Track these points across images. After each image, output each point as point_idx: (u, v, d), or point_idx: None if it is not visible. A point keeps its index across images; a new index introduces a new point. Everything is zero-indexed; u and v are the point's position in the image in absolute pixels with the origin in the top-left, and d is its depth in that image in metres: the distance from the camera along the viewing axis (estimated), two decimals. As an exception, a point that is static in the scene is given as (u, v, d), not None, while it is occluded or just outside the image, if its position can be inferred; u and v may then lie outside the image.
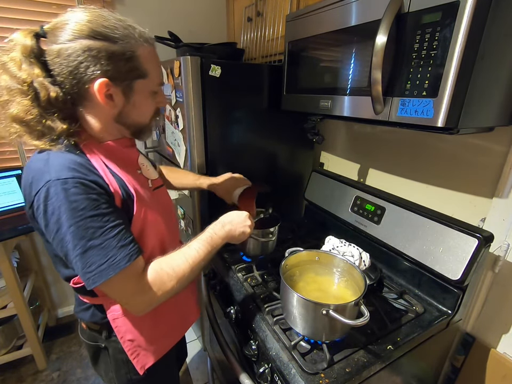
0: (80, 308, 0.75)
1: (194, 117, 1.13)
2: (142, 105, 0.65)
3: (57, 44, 0.54)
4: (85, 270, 0.55)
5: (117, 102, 0.60)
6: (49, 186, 0.53)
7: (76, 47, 0.53)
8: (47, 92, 0.54)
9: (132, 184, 0.65)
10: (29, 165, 0.59)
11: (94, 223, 0.54)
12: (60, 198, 0.53)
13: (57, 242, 0.56)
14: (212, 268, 1.18)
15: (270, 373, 0.75)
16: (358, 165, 1.33)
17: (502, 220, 0.87)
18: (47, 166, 0.55)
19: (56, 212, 0.53)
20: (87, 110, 0.61)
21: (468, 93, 0.60)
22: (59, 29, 0.54)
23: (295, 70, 1.05)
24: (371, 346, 0.75)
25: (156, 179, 0.79)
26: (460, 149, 0.95)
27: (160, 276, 0.61)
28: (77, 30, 0.53)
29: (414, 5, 0.63)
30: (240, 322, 0.93)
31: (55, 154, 0.57)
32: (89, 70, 0.54)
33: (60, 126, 0.57)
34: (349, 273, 0.83)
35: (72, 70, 0.54)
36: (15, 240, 1.51)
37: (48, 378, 1.58)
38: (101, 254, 0.55)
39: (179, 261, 0.64)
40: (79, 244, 0.54)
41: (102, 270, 0.55)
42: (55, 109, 0.56)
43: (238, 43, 1.61)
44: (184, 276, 0.63)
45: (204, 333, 1.56)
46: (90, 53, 0.53)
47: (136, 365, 0.74)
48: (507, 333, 0.94)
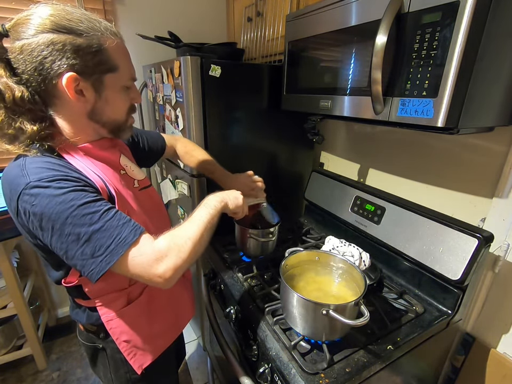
0: (76, 310, 0.74)
1: (194, 117, 1.13)
2: (115, 100, 0.63)
3: (20, 40, 0.52)
4: (95, 255, 0.53)
5: (88, 97, 0.58)
6: (30, 188, 0.51)
7: (39, 42, 0.51)
8: (12, 92, 0.52)
9: (113, 185, 0.63)
10: (4, 173, 0.57)
11: (88, 209, 0.53)
12: (45, 196, 0.51)
13: (55, 240, 0.53)
14: (211, 268, 1.18)
15: (270, 373, 0.76)
16: (358, 165, 1.33)
17: (502, 220, 0.87)
18: (24, 171, 0.53)
19: (46, 210, 0.51)
20: (58, 110, 0.59)
21: (467, 93, 0.60)
22: (21, 24, 0.52)
23: (295, 70, 1.05)
24: (371, 346, 0.75)
25: (143, 179, 0.77)
26: (460, 149, 0.95)
27: (173, 239, 0.58)
28: (40, 24, 0.51)
29: (414, 5, 0.63)
30: (240, 322, 0.93)
31: (31, 159, 0.55)
32: (54, 64, 0.52)
33: (30, 128, 0.55)
34: (349, 273, 0.83)
35: (37, 66, 0.52)
36: (15, 240, 1.51)
37: (48, 378, 1.58)
38: (106, 236, 0.53)
39: (186, 226, 0.62)
40: (81, 232, 0.52)
41: (111, 250, 0.53)
42: (23, 110, 0.55)
43: (238, 43, 1.61)
44: (196, 237, 0.60)
45: (204, 333, 1.55)
46: (55, 46, 0.51)
47: (134, 365, 0.74)
48: (507, 333, 0.94)
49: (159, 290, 0.76)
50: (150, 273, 0.55)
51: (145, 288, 0.75)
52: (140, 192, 0.74)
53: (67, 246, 0.53)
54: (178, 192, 1.43)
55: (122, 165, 0.72)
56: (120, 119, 0.66)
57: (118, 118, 0.65)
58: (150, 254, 0.55)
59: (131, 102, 0.67)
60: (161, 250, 0.56)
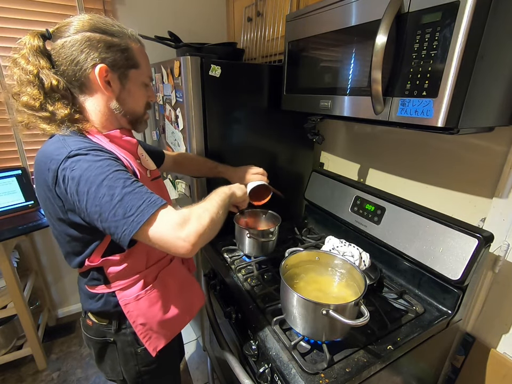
0: (89, 301, 0.77)
1: (194, 117, 1.13)
2: (136, 93, 0.72)
3: (62, 38, 0.62)
4: (127, 215, 0.57)
5: (114, 87, 0.67)
6: (73, 155, 0.58)
7: (78, 39, 0.62)
8: (50, 80, 0.62)
9: (136, 167, 0.70)
10: (43, 148, 0.64)
11: (122, 174, 0.59)
12: (85, 161, 0.58)
13: (91, 204, 0.57)
14: (211, 268, 1.18)
15: (270, 373, 0.76)
16: (358, 165, 1.33)
17: (502, 220, 0.87)
18: (64, 143, 0.61)
19: (85, 173, 0.57)
20: (87, 97, 0.68)
21: (468, 93, 0.60)
22: (64, 26, 0.63)
23: (295, 70, 1.05)
24: (371, 346, 0.75)
25: (154, 170, 0.84)
26: (460, 149, 0.95)
27: (193, 209, 0.65)
28: (79, 25, 0.63)
29: (414, 5, 0.63)
30: (240, 322, 0.93)
31: (69, 137, 0.63)
32: (90, 57, 0.63)
33: (62, 111, 0.64)
34: (349, 273, 0.83)
35: (74, 58, 0.62)
36: (15, 240, 1.51)
37: (48, 378, 1.58)
38: (137, 198, 0.58)
39: (201, 203, 0.70)
40: (115, 192, 0.57)
41: (142, 210, 0.57)
42: (58, 96, 0.64)
43: (238, 43, 1.61)
44: (213, 209, 0.67)
45: (204, 333, 1.55)
46: (91, 42, 0.62)
47: (149, 347, 0.78)
48: (507, 333, 0.94)
49: (172, 276, 0.83)
50: (175, 236, 0.59)
51: (160, 273, 0.80)
52: (152, 182, 0.80)
53: (101, 208, 0.57)
54: (178, 192, 1.43)
55: (139, 154, 0.78)
56: (139, 110, 0.75)
57: (137, 110, 0.75)
58: (175, 217, 0.60)
59: (147, 100, 0.76)
60: (185, 215, 0.61)
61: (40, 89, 0.62)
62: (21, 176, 1.59)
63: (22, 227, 1.42)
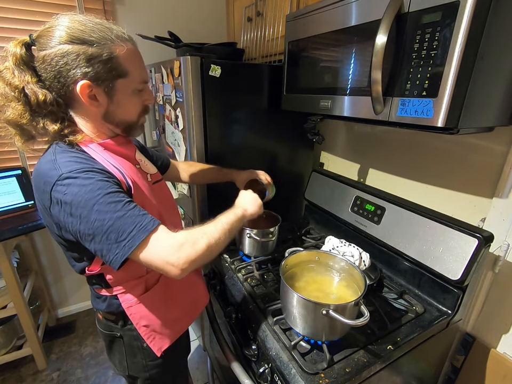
0: (97, 300, 0.79)
1: (194, 117, 1.13)
2: (126, 103, 0.68)
3: (42, 50, 0.58)
4: (119, 240, 0.57)
5: (101, 101, 0.64)
6: (63, 179, 0.57)
7: (56, 53, 0.57)
8: (36, 96, 0.59)
9: (131, 177, 0.68)
10: (37, 168, 0.63)
11: (113, 198, 0.58)
12: (75, 185, 0.57)
13: (83, 227, 0.58)
14: (212, 268, 1.18)
15: (270, 373, 0.76)
16: (358, 165, 1.33)
17: (502, 220, 0.87)
18: (55, 164, 0.60)
19: (76, 198, 0.57)
20: (77, 111, 0.65)
21: (467, 93, 0.60)
22: (43, 36, 0.59)
23: (295, 70, 1.05)
24: (371, 346, 0.75)
25: (155, 173, 0.83)
26: (460, 149, 0.95)
27: (190, 233, 0.63)
28: (57, 36, 0.58)
29: (414, 5, 0.63)
30: (240, 322, 0.93)
31: (60, 155, 0.62)
32: (70, 73, 0.59)
33: (51, 128, 0.62)
34: (349, 273, 0.83)
35: (55, 74, 0.59)
36: (15, 240, 1.51)
37: (48, 378, 1.58)
38: (128, 222, 0.58)
39: (205, 225, 0.68)
40: (106, 217, 0.57)
41: (133, 235, 0.57)
42: (45, 112, 0.61)
43: (238, 43, 1.61)
44: (213, 235, 0.65)
45: (204, 333, 1.55)
46: (69, 57, 0.58)
47: (153, 348, 0.78)
48: (507, 333, 0.94)
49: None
50: (164, 261, 0.59)
51: (161, 276, 0.79)
52: (153, 186, 0.79)
53: (94, 231, 0.58)
54: (178, 192, 1.43)
55: (137, 160, 0.78)
56: (132, 119, 0.71)
57: (130, 119, 0.71)
58: (167, 242, 0.59)
59: (143, 104, 0.72)
60: (178, 240, 0.60)
61: (26, 105, 0.60)
62: (21, 176, 1.59)
63: (22, 227, 1.42)
